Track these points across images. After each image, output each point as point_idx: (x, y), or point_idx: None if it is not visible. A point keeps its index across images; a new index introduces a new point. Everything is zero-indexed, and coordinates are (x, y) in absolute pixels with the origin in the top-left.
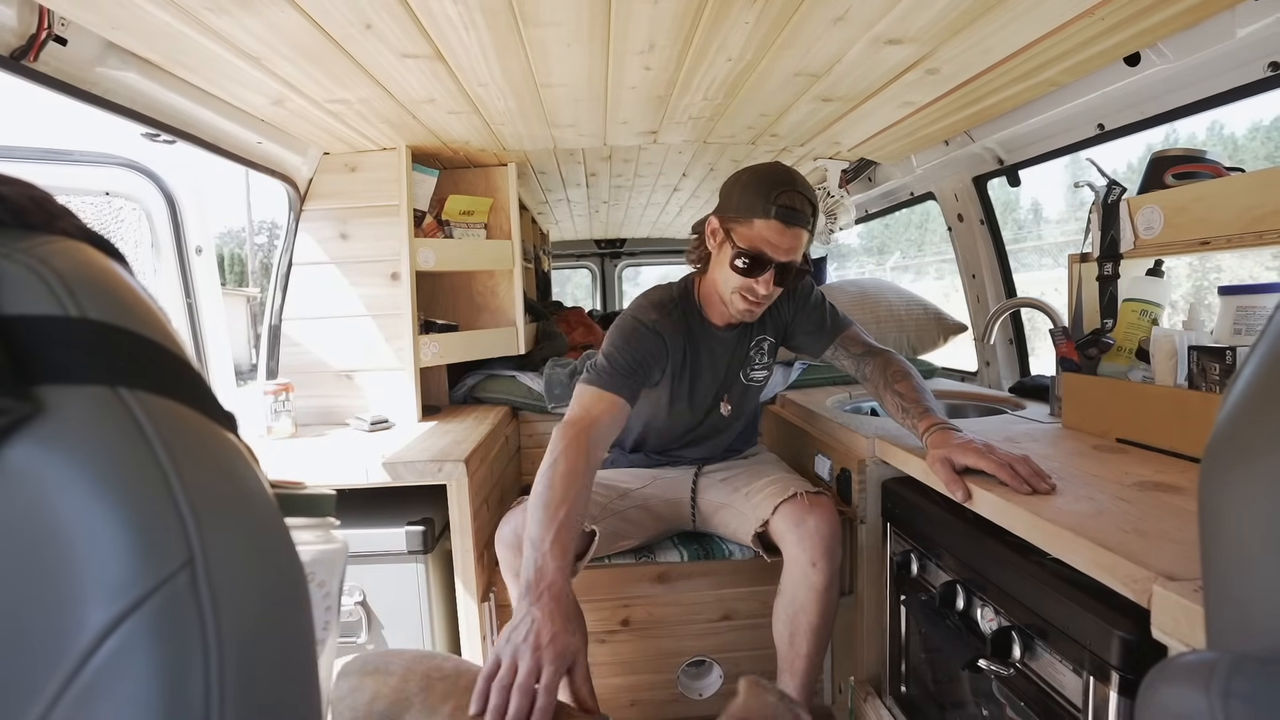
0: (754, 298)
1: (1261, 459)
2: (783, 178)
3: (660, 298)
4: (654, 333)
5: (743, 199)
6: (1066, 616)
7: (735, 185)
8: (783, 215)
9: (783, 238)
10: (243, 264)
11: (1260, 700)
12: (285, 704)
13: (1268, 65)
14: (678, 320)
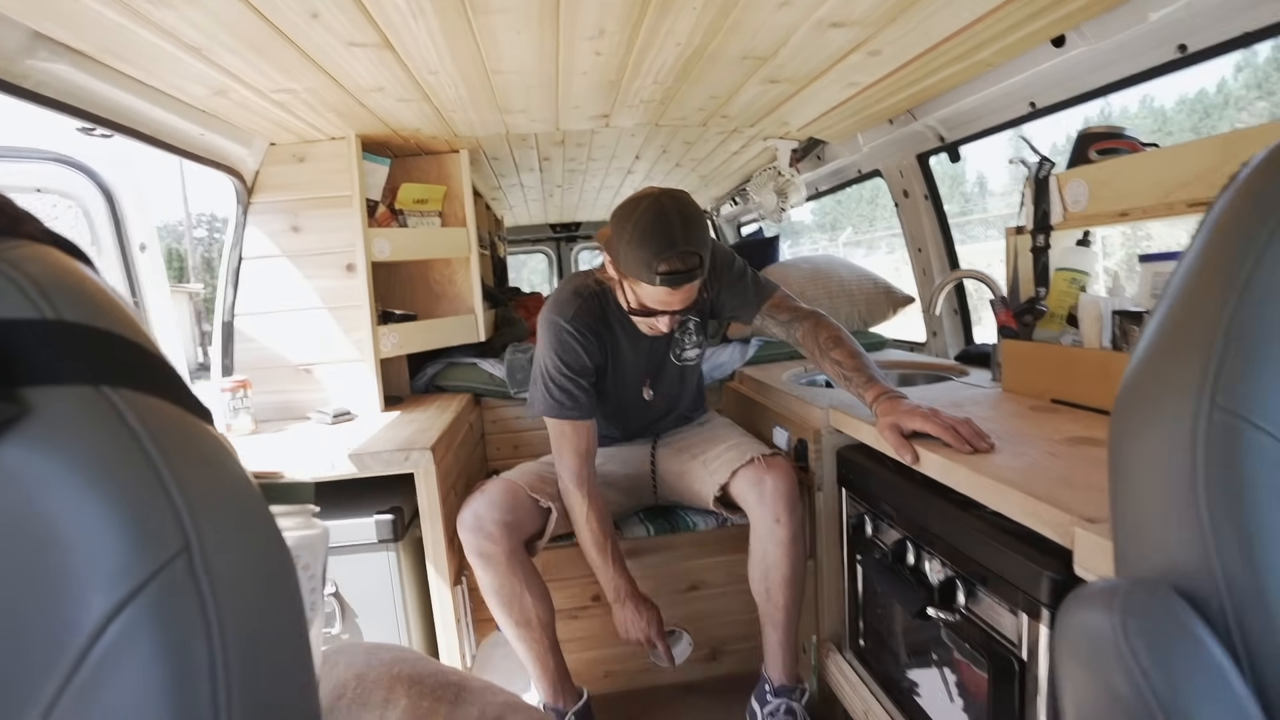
0: (657, 330)
1: (1155, 408)
2: (663, 242)
3: (576, 286)
4: (575, 332)
5: (627, 259)
6: (1004, 563)
7: (621, 236)
8: (668, 282)
9: (673, 297)
10: (182, 259)
11: (1149, 614)
12: (284, 676)
13: (1177, 47)
14: (595, 308)
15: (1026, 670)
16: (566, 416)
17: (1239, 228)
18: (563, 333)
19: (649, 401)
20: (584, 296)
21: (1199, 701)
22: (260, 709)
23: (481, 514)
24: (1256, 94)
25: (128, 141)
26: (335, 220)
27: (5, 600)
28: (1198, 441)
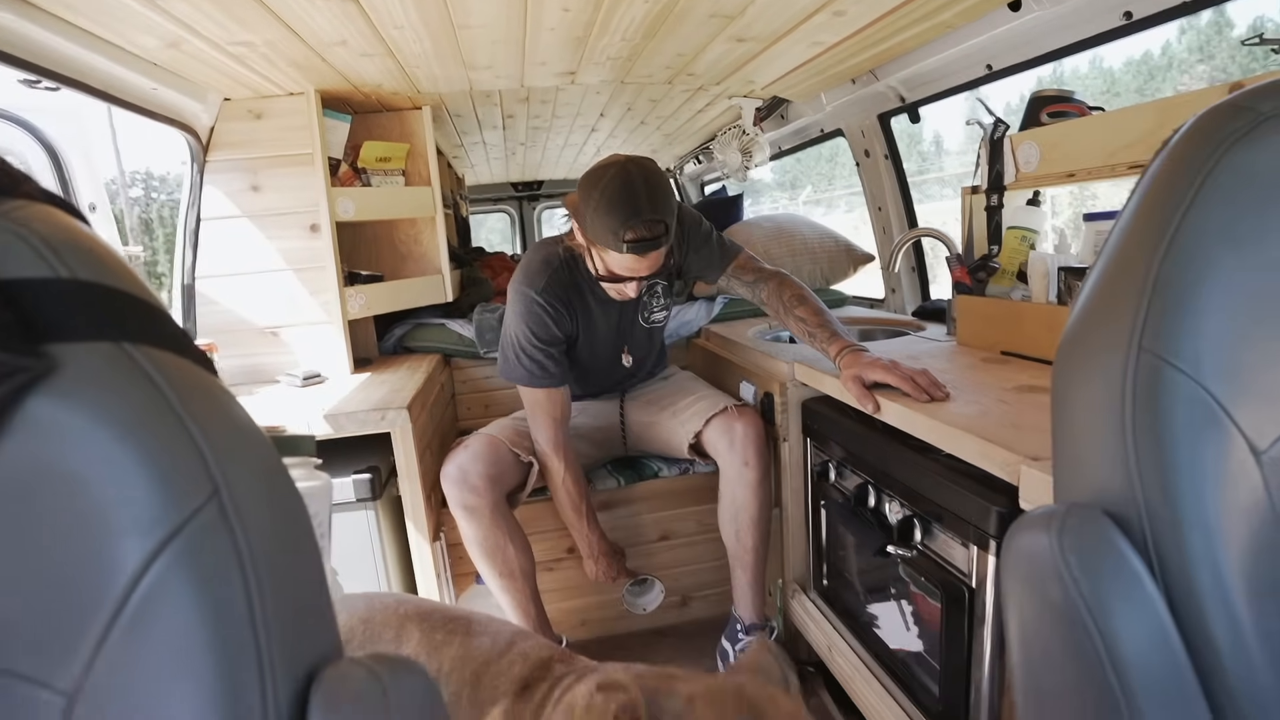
0: (625, 295)
1: (1092, 353)
2: (629, 210)
3: (546, 255)
4: (547, 306)
5: (596, 228)
6: (957, 501)
7: (588, 204)
8: (634, 249)
9: (640, 263)
10: (118, 220)
11: (1081, 533)
12: (310, 608)
13: (1123, 14)
14: (564, 278)
15: (975, 597)
16: (539, 385)
17: (1167, 190)
18: (533, 304)
19: (628, 367)
20: (554, 266)
21: (1119, 602)
22: (293, 637)
23: (466, 468)
24: (1197, 57)
25: (74, 95)
26: (297, 179)
27: (44, 548)
28: (1127, 381)
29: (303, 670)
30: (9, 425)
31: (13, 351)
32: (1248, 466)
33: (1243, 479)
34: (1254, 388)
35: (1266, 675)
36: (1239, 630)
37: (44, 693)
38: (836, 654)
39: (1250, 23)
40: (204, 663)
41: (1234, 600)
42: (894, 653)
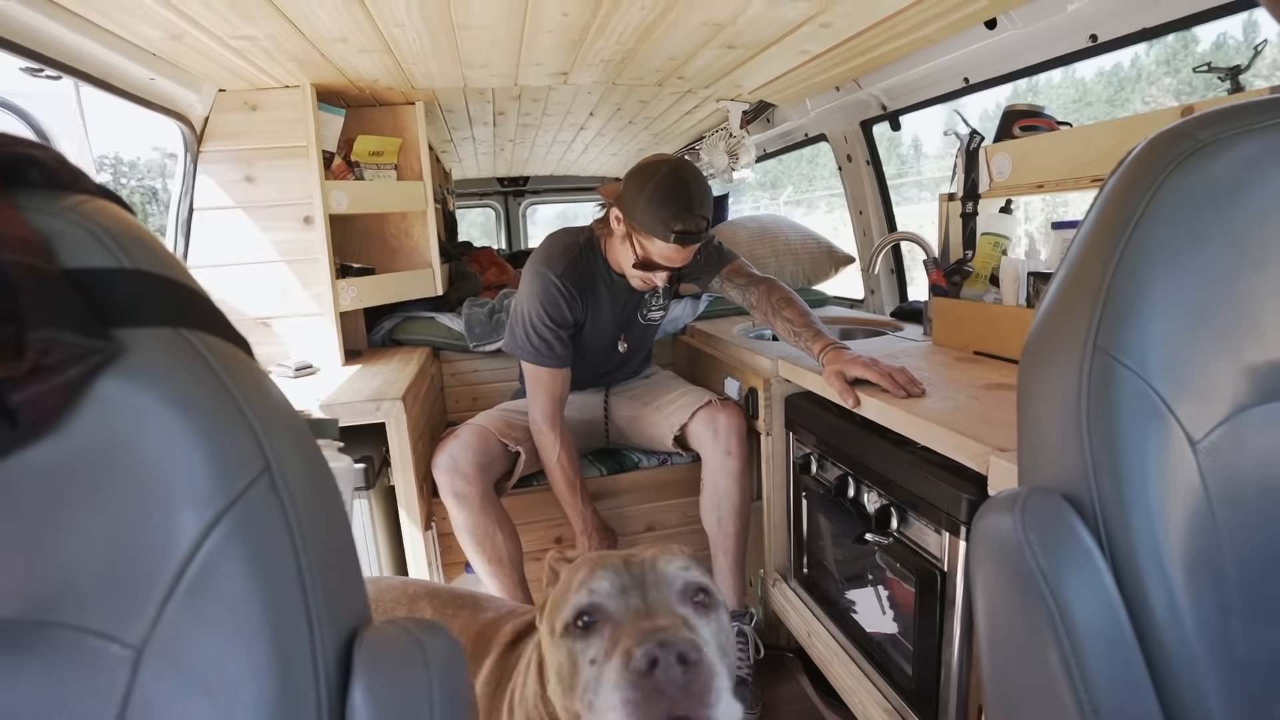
0: (651, 284)
1: (1053, 352)
2: (683, 201)
3: (567, 242)
4: (563, 288)
5: (645, 216)
6: (931, 490)
7: (639, 194)
8: (681, 239)
9: (679, 254)
10: None
11: (1041, 513)
12: (348, 575)
13: (1089, 36)
14: (583, 267)
15: (947, 581)
16: (544, 364)
17: (1119, 207)
18: (551, 286)
19: (622, 354)
20: (574, 254)
21: (1072, 574)
22: (336, 600)
23: (457, 456)
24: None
25: (68, 81)
26: (291, 171)
27: (114, 517)
28: (1083, 377)
29: (345, 630)
30: (83, 403)
31: (88, 335)
32: (1185, 455)
33: (1180, 466)
34: (1191, 385)
35: (1196, 638)
36: (1174, 599)
37: (114, 646)
38: (815, 639)
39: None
40: (259, 622)
41: (1171, 573)
42: (870, 636)
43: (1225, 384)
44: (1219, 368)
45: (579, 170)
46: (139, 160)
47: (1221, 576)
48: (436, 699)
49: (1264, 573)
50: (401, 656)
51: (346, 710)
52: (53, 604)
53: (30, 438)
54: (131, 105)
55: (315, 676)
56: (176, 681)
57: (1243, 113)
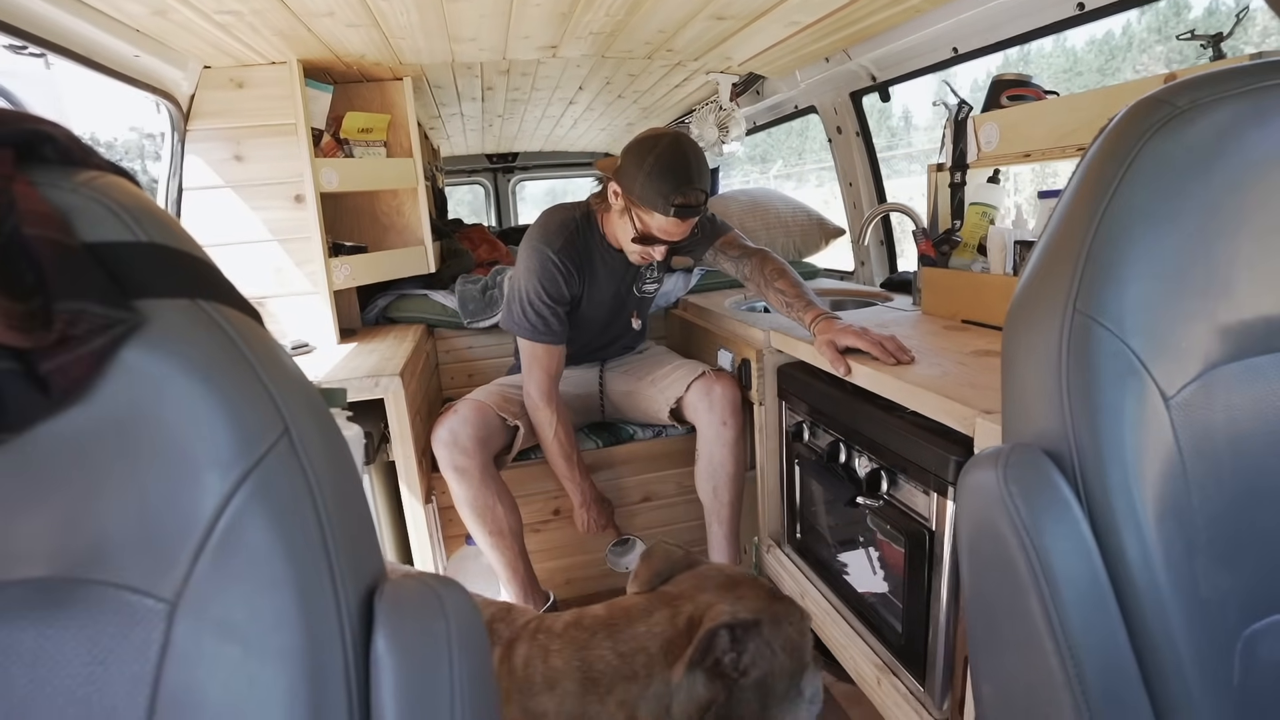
0: (650, 258)
1: (1035, 314)
2: (682, 174)
3: (562, 221)
4: (560, 264)
5: (644, 190)
6: (919, 453)
7: (639, 168)
8: (680, 213)
9: (679, 228)
10: None
11: (1022, 468)
12: (364, 535)
13: (1075, 5)
14: (580, 243)
15: (935, 540)
16: (541, 340)
17: (1099, 173)
18: (548, 262)
19: (636, 330)
20: (570, 229)
21: (1051, 524)
22: (355, 556)
23: (456, 431)
24: (1156, 38)
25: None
26: (280, 149)
27: (142, 479)
28: (1063, 338)
29: (365, 583)
30: (109, 372)
31: (112, 306)
32: (1159, 410)
33: (1154, 421)
34: (1165, 344)
35: (1165, 578)
36: (1146, 546)
37: (149, 600)
38: (808, 600)
39: (1206, 5)
40: (284, 576)
41: (1144, 522)
42: (861, 596)
43: (1198, 343)
44: (1192, 328)
45: (568, 146)
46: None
47: (1189, 522)
48: (455, 645)
49: (1228, 518)
50: (420, 606)
51: (371, 657)
52: (90, 563)
53: (60, 405)
54: (115, 84)
55: (340, 626)
56: (210, 632)
57: (1220, 79)
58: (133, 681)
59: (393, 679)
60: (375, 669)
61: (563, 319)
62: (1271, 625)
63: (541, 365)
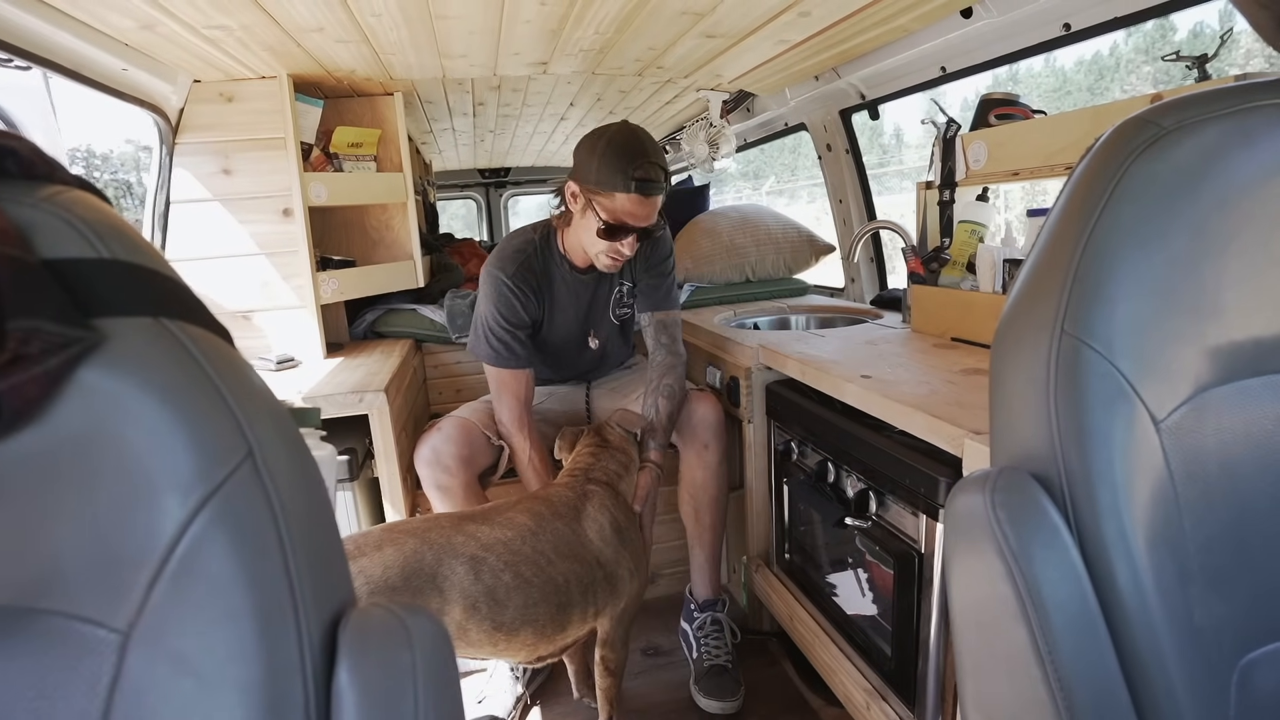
0: (619, 256)
1: (1023, 335)
2: (637, 149)
3: (517, 245)
4: (515, 289)
5: (601, 171)
6: (908, 473)
7: (592, 154)
8: (641, 189)
9: (643, 208)
10: None
11: (1010, 492)
12: (331, 559)
13: (1062, 25)
14: (536, 266)
15: (924, 562)
16: (504, 365)
17: (1086, 193)
18: (502, 287)
19: (595, 350)
20: (527, 253)
21: (1040, 550)
22: (320, 583)
23: (440, 449)
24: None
25: (37, 71)
26: (269, 163)
27: (98, 504)
28: (1051, 360)
29: (330, 612)
30: (65, 392)
31: (68, 324)
32: (1149, 434)
33: (1145, 444)
34: (1156, 366)
35: (1157, 609)
36: (1137, 572)
37: (101, 631)
38: (797, 622)
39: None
40: (244, 606)
41: (1134, 548)
42: (850, 618)
43: (1188, 365)
44: (1182, 349)
45: (560, 161)
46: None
47: (1181, 548)
48: (420, 678)
49: (1221, 544)
50: (385, 637)
51: (332, 690)
52: (40, 591)
53: (13, 427)
54: (104, 97)
55: (301, 657)
56: (163, 664)
57: (1205, 100)
58: (80, 718)
59: (355, 713)
60: (337, 702)
61: (525, 343)
62: (1268, 654)
63: (510, 391)
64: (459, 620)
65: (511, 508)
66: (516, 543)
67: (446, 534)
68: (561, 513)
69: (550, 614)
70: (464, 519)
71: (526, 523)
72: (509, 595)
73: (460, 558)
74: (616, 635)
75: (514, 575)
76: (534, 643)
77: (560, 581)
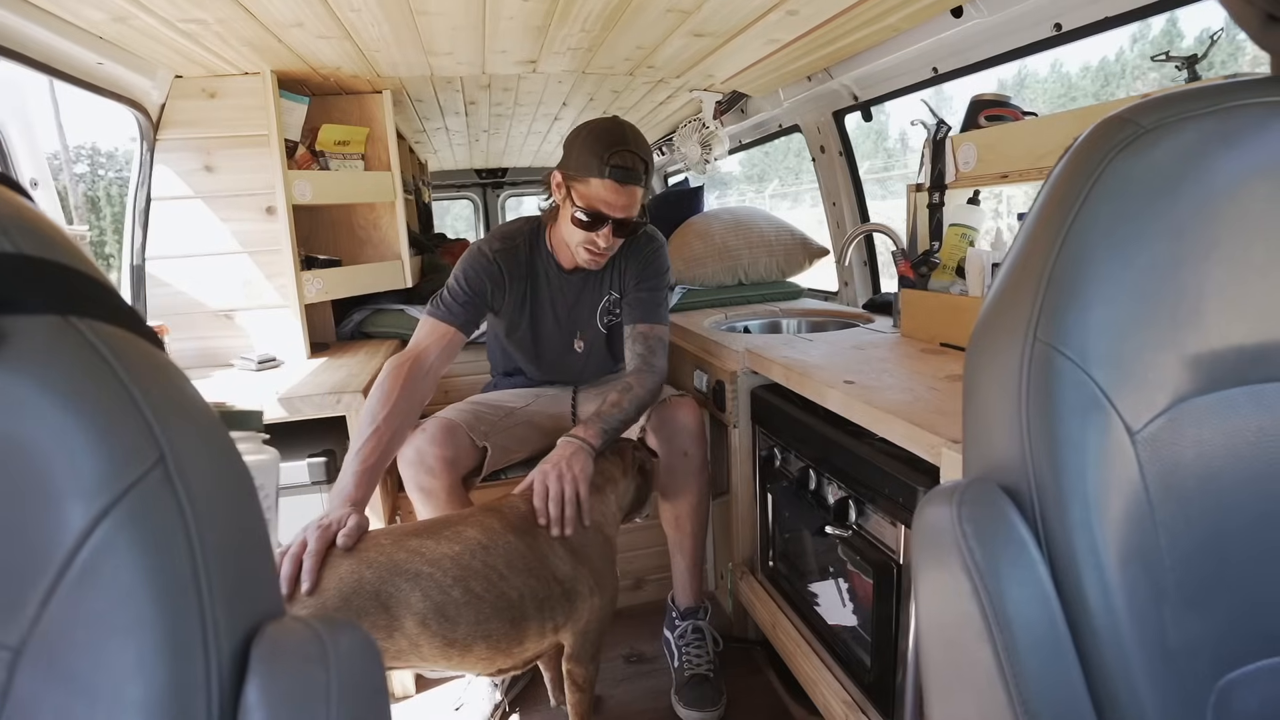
0: (596, 250)
1: (996, 341)
2: (616, 136)
3: (510, 230)
4: (493, 261)
5: (580, 157)
6: (887, 482)
7: (575, 141)
8: (616, 175)
9: (617, 196)
10: (61, 198)
11: (977, 505)
12: (254, 570)
13: (1053, 25)
14: (521, 255)
15: (902, 573)
16: (431, 314)
17: (1062, 193)
18: (479, 254)
19: (579, 353)
20: (517, 240)
21: (1007, 567)
22: (236, 596)
23: (423, 450)
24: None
25: (13, 65)
26: (252, 160)
27: None
28: (1023, 368)
29: (245, 627)
30: None
31: None
32: (1124, 445)
33: (1119, 456)
34: (1131, 375)
35: (1129, 629)
36: (1108, 591)
37: None
38: (780, 631)
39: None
40: (147, 620)
41: (1106, 565)
42: (832, 628)
43: (1166, 374)
44: (1160, 358)
45: (557, 161)
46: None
47: (1156, 565)
48: (335, 698)
49: (1199, 561)
50: (300, 654)
51: (240, 710)
52: None
53: None
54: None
55: (207, 674)
56: (56, 684)
57: (1186, 99)
58: None
59: None
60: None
61: (468, 308)
62: (1247, 675)
63: (417, 336)
64: (411, 637)
65: (461, 521)
66: (465, 557)
67: (387, 552)
68: (515, 525)
69: (504, 629)
70: (407, 534)
71: (476, 536)
72: (459, 611)
73: (404, 575)
74: (583, 650)
75: (464, 591)
76: (491, 656)
77: (514, 597)
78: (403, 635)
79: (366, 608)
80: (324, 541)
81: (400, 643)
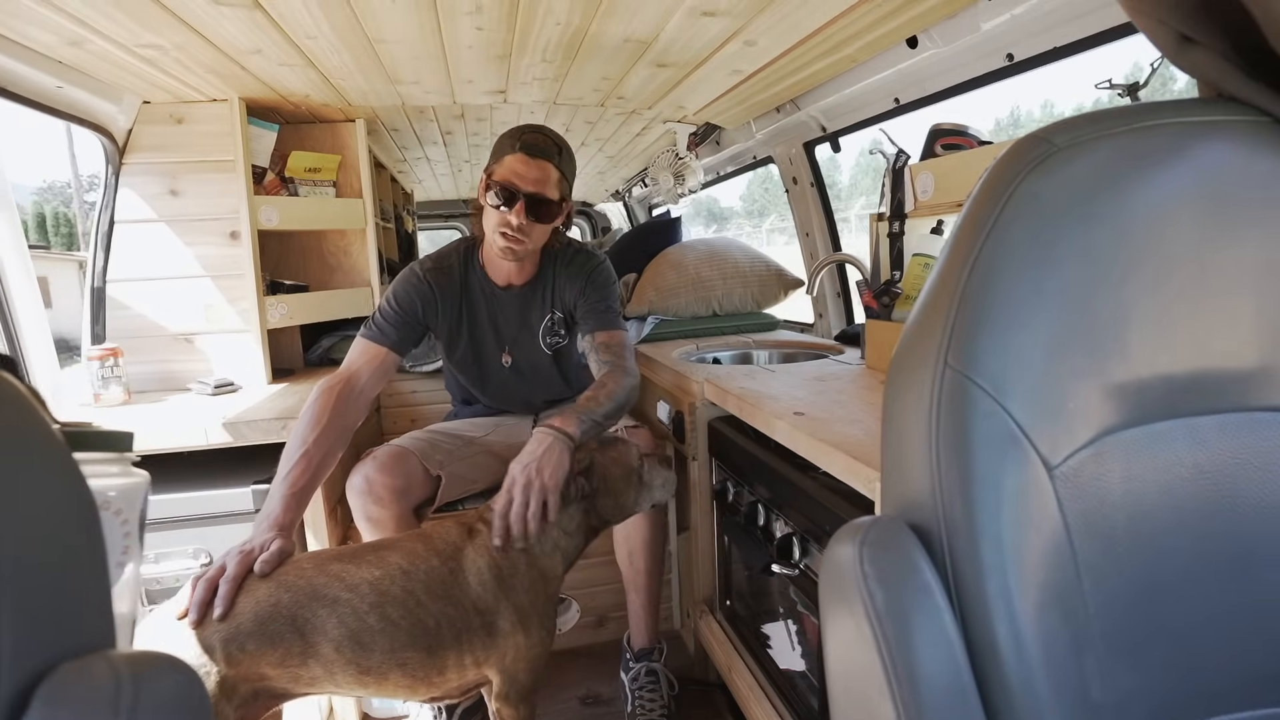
0: (511, 231)
1: (910, 369)
2: (532, 125)
3: (443, 250)
4: (423, 280)
5: (498, 147)
6: (828, 518)
7: (499, 142)
8: (526, 148)
9: (528, 168)
10: (71, 224)
11: (881, 545)
12: (67, 602)
13: (1006, 55)
14: (455, 273)
15: None
16: (364, 336)
17: (977, 212)
18: (410, 274)
19: (506, 368)
20: (449, 260)
21: (911, 614)
22: (35, 630)
23: (371, 478)
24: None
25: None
26: (217, 185)
27: None
28: (934, 397)
29: (39, 664)
30: None
31: None
32: (1041, 481)
33: (1036, 493)
34: (1048, 405)
35: (1043, 681)
36: (1020, 639)
37: None
38: (736, 674)
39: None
40: None
41: (1019, 610)
42: (784, 672)
43: (1087, 405)
44: (1079, 387)
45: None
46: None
47: (1077, 612)
48: None
49: (1130, 608)
50: (87, 703)
51: None
52: None
53: None
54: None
55: None
56: None
57: (1101, 118)
58: None
59: None
60: None
61: (400, 328)
62: None
63: (349, 358)
64: (326, 663)
65: (387, 545)
66: (385, 583)
67: (308, 576)
68: (440, 550)
69: (420, 658)
70: (330, 559)
71: (399, 561)
72: (374, 638)
73: (322, 600)
74: (510, 691)
75: (379, 617)
76: (411, 685)
77: (430, 624)
78: (317, 662)
79: (281, 633)
80: (243, 567)
81: (315, 669)
